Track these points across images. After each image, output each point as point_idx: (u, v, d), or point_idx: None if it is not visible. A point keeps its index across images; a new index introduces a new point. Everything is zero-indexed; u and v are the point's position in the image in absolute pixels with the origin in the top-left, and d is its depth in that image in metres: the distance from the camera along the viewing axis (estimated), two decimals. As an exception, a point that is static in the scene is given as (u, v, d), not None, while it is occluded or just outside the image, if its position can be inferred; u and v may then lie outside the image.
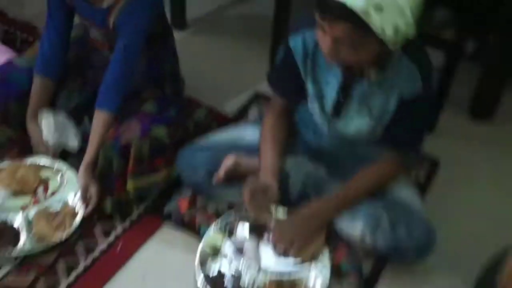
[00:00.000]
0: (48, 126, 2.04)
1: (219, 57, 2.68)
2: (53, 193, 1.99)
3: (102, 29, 1.96)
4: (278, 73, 1.90)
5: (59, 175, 2.03)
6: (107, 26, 1.91)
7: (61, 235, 1.86)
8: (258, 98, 2.48)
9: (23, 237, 1.85)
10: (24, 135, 2.09)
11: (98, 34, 2.01)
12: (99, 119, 1.93)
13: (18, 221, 1.89)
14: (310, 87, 1.79)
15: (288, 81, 1.85)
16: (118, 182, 1.93)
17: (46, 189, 2.00)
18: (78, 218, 1.90)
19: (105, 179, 1.94)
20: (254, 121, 2.27)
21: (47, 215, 1.89)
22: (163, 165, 1.95)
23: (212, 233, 1.86)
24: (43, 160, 2.05)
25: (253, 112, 2.41)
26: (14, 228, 1.88)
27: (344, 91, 1.73)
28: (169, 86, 2.16)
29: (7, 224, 1.88)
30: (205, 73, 2.38)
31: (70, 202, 1.95)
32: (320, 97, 1.79)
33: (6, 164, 2.04)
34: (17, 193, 1.97)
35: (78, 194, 1.94)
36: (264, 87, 2.49)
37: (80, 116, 2.12)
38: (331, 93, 1.76)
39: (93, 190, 1.94)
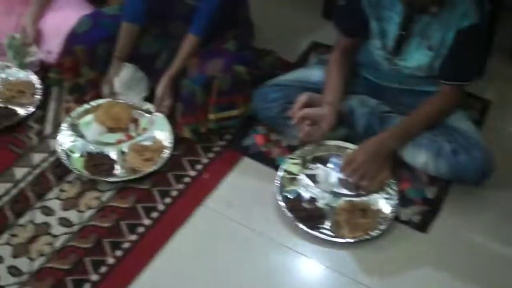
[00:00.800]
0: (122, 77, 2.27)
1: (274, 9, 2.83)
2: (143, 130, 2.21)
3: None
4: (343, 13, 2.09)
5: (149, 114, 2.25)
6: None
7: (151, 167, 2.07)
8: (315, 46, 2.66)
9: (118, 167, 2.08)
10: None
11: None
12: (188, 41, 2.19)
13: (113, 153, 2.12)
14: (373, 25, 1.97)
15: (353, 21, 2.03)
16: (199, 112, 2.14)
17: (137, 126, 2.23)
18: (166, 154, 2.11)
19: (187, 108, 2.15)
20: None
21: (139, 149, 2.11)
22: (241, 102, 2.16)
23: (289, 163, 2.06)
24: (135, 100, 2.28)
25: (312, 59, 2.59)
26: (111, 159, 2.11)
27: (406, 27, 1.91)
28: (244, 29, 2.36)
29: (105, 155, 2.12)
30: (262, 24, 2.54)
31: (159, 140, 2.16)
32: (382, 34, 1.97)
33: (101, 102, 2.27)
34: (111, 129, 2.20)
35: (165, 133, 2.17)
36: (319, 36, 2.71)
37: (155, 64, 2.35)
38: (393, 29, 1.94)
39: (166, 102, 2.20)
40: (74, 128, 2.20)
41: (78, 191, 2.03)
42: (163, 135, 2.17)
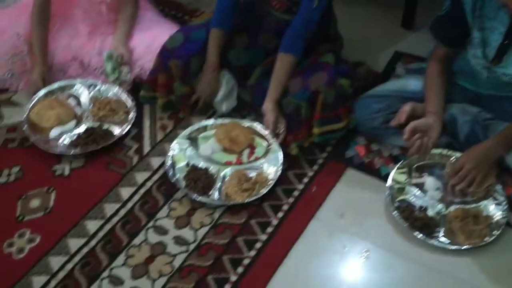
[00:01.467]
0: (226, 86, 2.31)
1: (353, 20, 2.79)
2: (255, 159, 2.17)
3: None
4: (443, 22, 2.07)
5: (267, 145, 2.20)
6: None
7: (245, 198, 2.02)
8: (399, 56, 2.65)
9: (214, 189, 2.06)
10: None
11: None
12: (285, 61, 2.15)
13: (216, 173, 2.11)
14: (475, 35, 1.96)
15: (454, 30, 2.03)
16: (304, 127, 2.14)
17: (251, 153, 2.20)
18: (264, 190, 2.04)
19: (293, 125, 2.15)
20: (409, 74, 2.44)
21: (240, 177, 2.07)
22: (344, 114, 2.15)
23: (395, 173, 2.06)
24: (258, 127, 2.24)
25: (399, 68, 2.58)
26: (212, 178, 2.09)
27: (510, 36, 1.90)
28: (336, 42, 2.37)
29: (207, 172, 2.10)
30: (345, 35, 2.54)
31: (265, 173, 2.11)
32: (484, 44, 1.96)
33: (225, 121, 2.28)
34: (226, 149, 2.19)
35: (274, 168, 2.12)
36: (400, 46, 2.71)
37: (245, 75, 2.33)
38: (496, 39, 1.93)
39: (282, 126, 2.18)
40: (192, 139, 2.22)
41: (188, 209, 2.02)
42: (271, 169, 2.12)
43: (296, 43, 2.15)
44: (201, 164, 2.13)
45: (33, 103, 2.34)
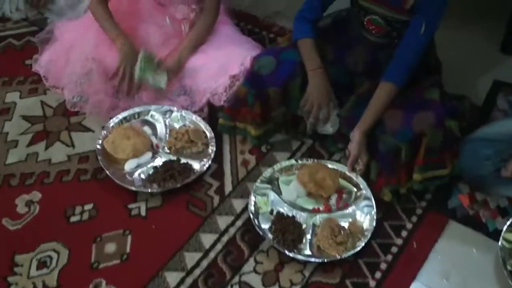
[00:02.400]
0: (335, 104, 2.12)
1: (448, 44, 2.42)
2: (344, 205, 1.98)
3: (391, 8, 1.95)
4: None
5: (356, 190, 2.02)
6: (400, 7, 1.91)
7: (340, 252, 1.82)
8: (499, 86, 2.40)
9: (306, 240, 1.87)
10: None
11: (382, 12, 1.99)
12: (385, 90, 1.93)
13: (305, 222, 1.92)
14: None
15: None
16: (401, 171, 1.93)
17: (339, 198, 2.00)
18: (360, 244, 1.85)
19: (387, 166, 1.94)
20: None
21: (333, 228, 1.87)
22: (449, 159, 1.93)
23: (506, 231, 1.85)
24: (345, 168, 2.05)
25: (501, 101, 2.33)
26: (300, 228, 1.90)
27: None
28: (438, 73, 2.14)
29: (295, 222, 1.91)
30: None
31: (359, 222, 1.92)
32: None
33: (309, 162, 2.09)
34: (311, 194, 1.99)
35: (367, 217, 1.93)
36: (499, 74, 2.45)
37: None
38: None
39: (363, 159, 1.97)
40: (272, 182, 2.03)
41: (276, 263, 1.85)
42: (364, 218, 1.92)
43: (399, 71, 1.93)
44: (287, 211, 1.95)
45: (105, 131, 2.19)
